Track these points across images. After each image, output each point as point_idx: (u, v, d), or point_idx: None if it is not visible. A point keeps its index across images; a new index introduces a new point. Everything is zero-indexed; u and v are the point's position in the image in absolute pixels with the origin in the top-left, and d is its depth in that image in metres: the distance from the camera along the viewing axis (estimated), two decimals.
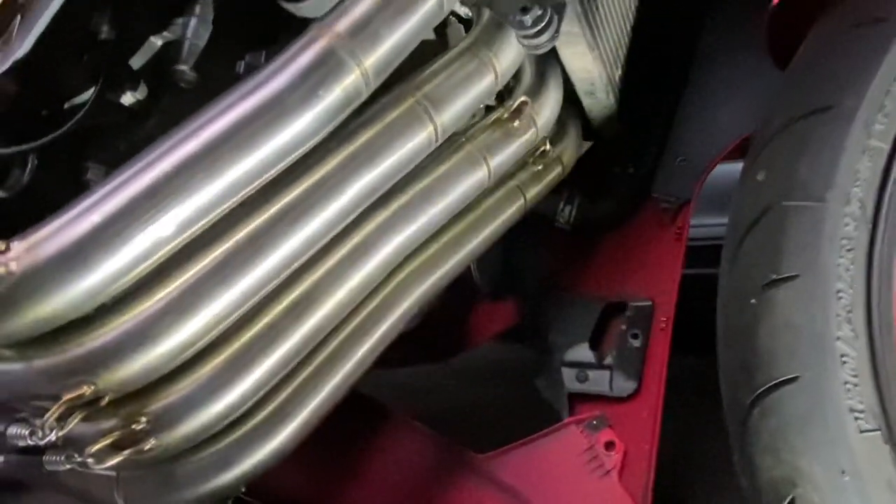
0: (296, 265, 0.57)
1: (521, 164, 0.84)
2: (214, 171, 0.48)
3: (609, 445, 0.83)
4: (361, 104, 0.58)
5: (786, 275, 0.56)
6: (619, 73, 0.86)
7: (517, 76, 0.79)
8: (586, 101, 0.88)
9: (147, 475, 0.61)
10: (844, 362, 0.52)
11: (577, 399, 0.91)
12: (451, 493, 0.89)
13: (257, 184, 0.51)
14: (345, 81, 0.51)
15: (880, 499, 0.49)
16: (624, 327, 0.92)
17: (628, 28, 0.86)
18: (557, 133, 0.91)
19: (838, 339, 0.53)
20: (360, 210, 0.60)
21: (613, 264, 1.01)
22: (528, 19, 0.63)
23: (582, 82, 0.83)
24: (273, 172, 0.52)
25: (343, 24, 0.51)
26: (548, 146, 0.86)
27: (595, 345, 0.93)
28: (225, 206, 0.50)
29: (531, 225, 0.99)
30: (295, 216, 0.55)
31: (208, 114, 0.49)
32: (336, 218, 0.57)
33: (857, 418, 0.51)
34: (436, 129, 0.62)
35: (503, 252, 1.07)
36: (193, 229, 0.49)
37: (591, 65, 0.78)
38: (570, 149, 0.93)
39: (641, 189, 1.02)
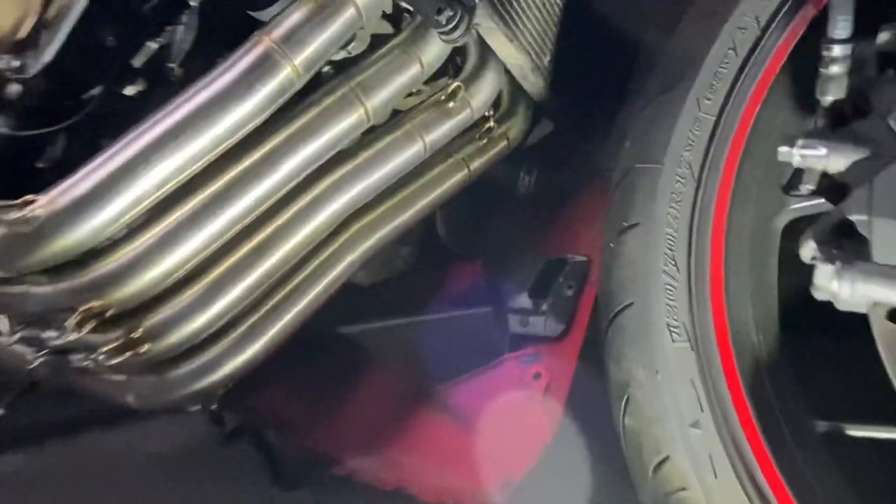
0: (254, 216, 0.74)
1: (468, 139, 0.99)
2: (184, 142, 0.66)
3: (537, 375, 0.98)
4: (305, 91, 0.75)
5: (632, 223, 0.70)
6: (547, 58, 0.99)
7: (462, 60, 0.94)
8: (524, 84, 1.01)
9: (149, 379, 0.80)
10: (667, 290, 0.66)
11: (518, 339, 1.07)
12: (413, 418, 1.06)
13: (218, 151, 0.68)
14: (279, 76, 0.67)
15: (683, 391, 0.64)
16: (561, 279, 1.08)
17: (553, 18, 0.98)
18: (507, 112, 1.05)
19: (664, 272, 0.67)
20: (305, 173, 0.77)
21: (561, 227, 1.15)
22: (442, 19, 0.78)
23: (513, 68, 0.96)
24: (229, 143, 0.69)
25: (278, 31, 0.68)
26: (492, 124, 1.01)
27: (537, 294, 1.08)
28: (194, 167, 0.68)
29: (496, 194, 1.15)
30: (251, 176, 0.72)
31: (177, 101, 0.66)
32: (284, 179, 0.74)
33: (672, 332, 0.65)
34: (367, 111, 0.78)
35: (471, 219, 1.23)
36: (170, 185, 0.67)
37: (515, 53, 0.92)
38: (518, 126, 1.06)
39: (591, 162, 1.16)
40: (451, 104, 0.90)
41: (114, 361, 0.71)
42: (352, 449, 0.99)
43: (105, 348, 0.71)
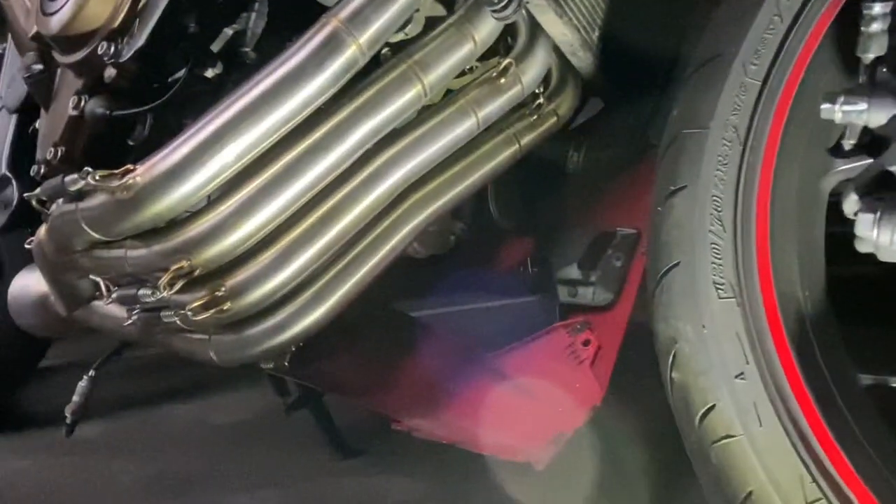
0: (323, 185, 0.81)
1: (518, 116, 1.03)
2: (258, 119, 0.73)
3: (586, 342, 1.02)
4: (368, 69, 0.80)
5: (679, 186, 0.73)
6: (596, 34, 1.02)
7: (512, 39, 0.98)
8: (573, 61, 1.05)
9: (229, 336, 0.88)
10: (713, 249, 0.69)
11: (567, 308, 1.11)
12: (466, 386, 1.11)
13: (290, 126, 0.75)
14: (346, 53, 0.73)
15: (729, 345, 0.67)
16: (610, 251, 1.11)
17: None
18: (556, 89, 1.09)
19: (710, 231, 0.70)
20: (368, 146, 0.83)
21: (611, 201, 1.18)
22: None
23: (563, 45, 0.99)
24: (300, 118, 0.75)
25: (344, 12, 0.74)
26: (542, 100, 1.04)
27: (586, 266, 1.12)
28: (268, 141, 0.75)
29: (546, 170, 1.19)
30: (318, 151, 0.78)
31: (254, 81, 0.73)
32: (348, 153, 0.80)
33: (718, 289, 0.68)
34: (424, 87, 0.83)
35: (523, 194, 1.27)
36: (249, 156, 0.74)
37: (564, 29, 0.95)
38: (567, 103, 1.09)
39: (641, 137, 1.18)
40: (502, 80, 0.93)
41: (199, 318, 0.79)
42: (411, 409, 1.05)
43: (192, 305, 0.78)
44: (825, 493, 0.60)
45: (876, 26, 0.59)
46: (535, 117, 1.04)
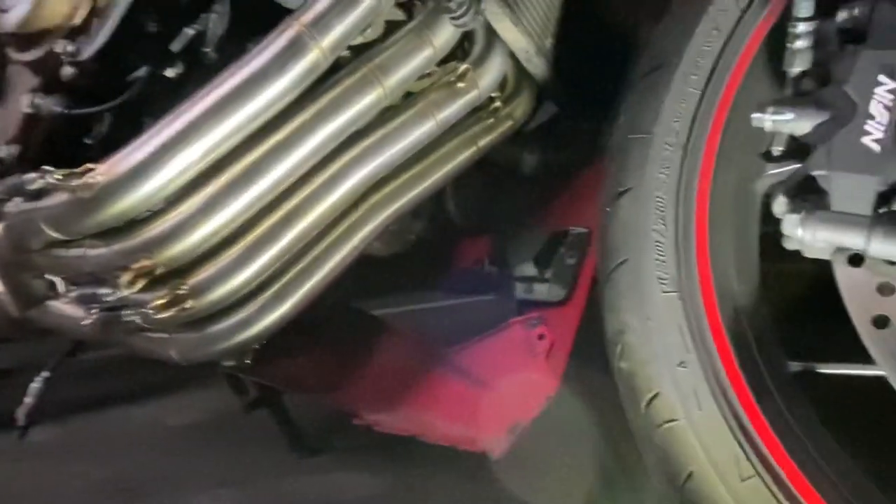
0: (286, 185, 0.82)
1: (476, 119, 1.07)
2: (222, 119, 0.74)
3: (541, 336, 1.07)
4: (329, 72, 0.83)
5: (626, 187, 0.78)
6: (549, 41, 1.06)
7: (469, 45, 1.01)
8: (528, 67, 1.09)
9: (190, 335, 0.89)
10: (657, 246, 0.74)
11: (523, 305, 1.15)
12: (426, 380, 1.14)
13: (252, 127, 0.77)
14: (308, 57, 0.75)
15: (672, 336, 0.72)
16: (563, 250, 1.16)
17: (556, 3, 1.06)
18: (512, 93, 1.13)
19: (654, 230, 0.75)
20: (330, 148, 0.85)
21: (564, 202, 1.23)
22: (453, 4, 0.86)
23: (518, 51, 1.03)
24: (263, 119, 0.77)
25: (307, 16, 0.76)
26: (498, 104, 1.08)
27: (541, 263, 1.17)
28: (232, 141, 0.76)
29: (502, 172, 1.23)
30: (281, 151, 0.80)
31: (217, 81, 0.74)
32: (310, 153, 0.82)
33: (661, 283, 0.73)
34: (384, 90, 0.85)
35: (480, 195, 1.31)
36: (210, 157, 0.75)
37: (520, 37, 0.99)
38: (522, 107, 1.13)
39: (592, 141, 1.23)
40: (460, 85, 0.97)
41: (161, 316, 0.79)
42: (372, 404, 1.08)
43: (154, 304, 0.79)
44: (758, 471, 0.65)
45: (801, 43, 0.65)
46: (491, 120, 1.07)
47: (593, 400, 0.96)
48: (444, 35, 0.90)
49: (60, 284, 0.85)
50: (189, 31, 0.87)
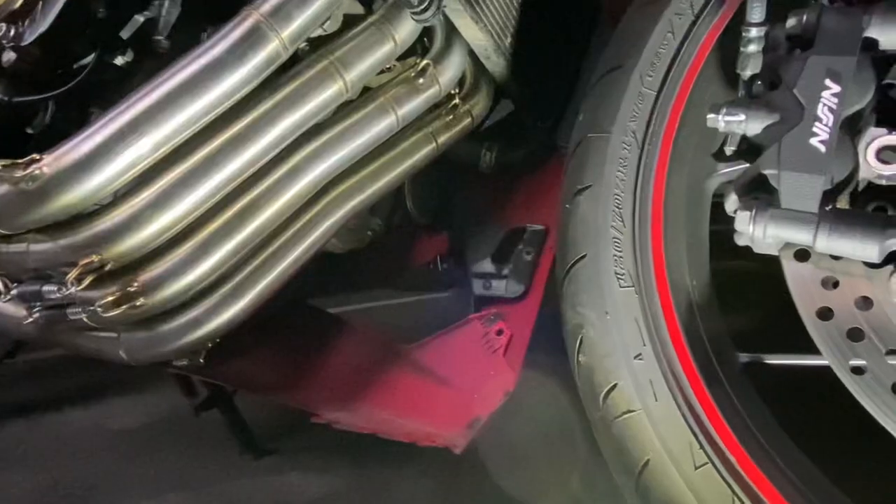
0: (240, 179, 0.80)
1: (435, 115, 1.07)
2: (176, 109, 0.72)
3: (499, 332, 1.08)
4: (289, 64, 0.81)
5: (585, 185, 0.80)
6: (508, 40, 1.07)
7: (429, 41, 1.01)
8: (487, 64, 1.09)
9: (140, 334, 0.85)
10: (615, 243, 0.76)
11: (481, 301, 1.16)
12: (385, 378, 1.14)
13: (208, 118, 0.74)
14: (267, 48, 0.73)
15: (629, 330, 0.74)
16: (521, 246, 1.17)
17: (516, 2, 1.07)
18: (471, 90, 1.13)
19: (612, 227, 0.76)
20: (288, 141, 0.83)
21: (521, 200, 1.25)
22: (415, 0, 0.86)
23: (477, 49, 1.04)
24: (219, 111, 0.74)
25: (266, 6, 0.74)
26: (457, 101, 1.08)
27: (498, 260, 1.18)
28: (186, 133, 0.73)
29: (459, 169, 1.23)
30: (238, 143, 0.78)
31: (172, 69, 0.72)
32: (268, 146, 0.80)
33: (619, 278, 0.75)
34: (345, 84, 0.84)
35: (438, 192, 1.31)
36: (164, 149, 0.73)
37: (479, 34, 0.99)
38: (481, 104, 1.14)
39: (548, 139, 1.25)
40: (420, 81, 0.97)
41: (110, 314, 0.76)
42: (331, 402, 1.06)
43: (102, 301, 0.76)
44: (711, 458, 0.68)
45: (752, 48, 0.67)
46: (451, 117, 1.08)
47: (550, 394, 0.97)
48: (406, 30, 0.90)
49: (1, 282, 0.81)
50: (139, 18, 0.83)
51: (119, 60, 0.82)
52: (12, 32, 0.75)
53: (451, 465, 1.02)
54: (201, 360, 0.91)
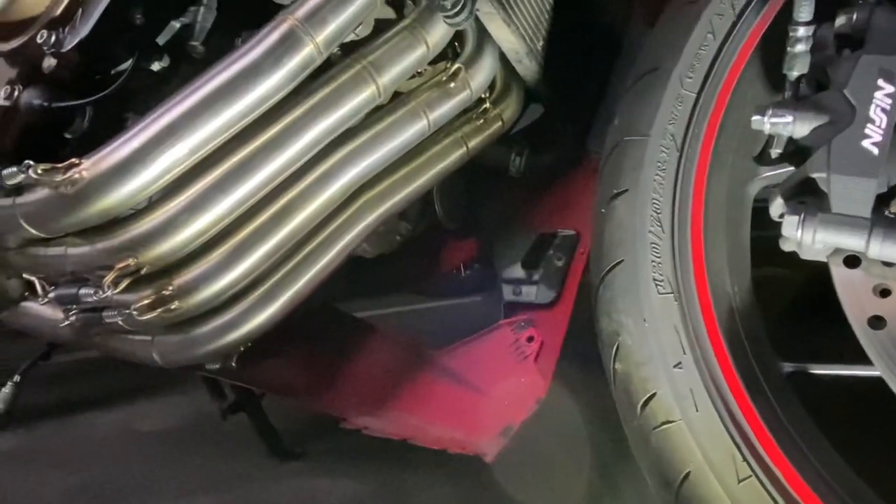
0: (276, 183, 0.80)
1: (466, 120, 1.06)
2: (212, 114, 0.72)
3: (530, 339, 1.06)
4: (323, 68, 0.81)
5: (622, 189, 0.78)
6: (540, 43, 1.06)
7: (460, 45, 1.01)
8: (518, 68, 1.09)
9: (174, 337, 0.86)
10: (653, 248, 0.74)
11: (511, 307, 1.15)
12: (414, 383, 1.13)
13: (243, 123, 0.75)
14: (302, 52, 0.74)
15: (668, 337, 0.72)
16: (551, 252, 1.16)
17: (547, 5, 1.06)
18: (501, 94, 1.12)
19: (650, 232, 0.75)
20: (322, 146, 0.83)
21: (551, 204, 1.23)
22: (448, 3, 0.85)
23: (509, 52, 1.03)
24: (254, 115, 0.75)
25: (301, 11, 0.74)
26: (488, 105, 1.08)
27: (529, 265, 1.16)
28: (222, 137, 0.74)
29: (489, 174, 1.22)
30: (272, 148, 0.78)
31: (209, 74, 0.72)
32: (302, 150, 0.80)
33: (657, 285, 0.73)
34: (378, 88, 0.84)
35: (467, 197, 1.30)
36: (200, 153, 0.73)
37: (511, 37, 0.99)
38: (511, 108, 1.13)
39: (579, 143, 1.24)
40: (452, 85, 0.96)
41: (145, 317, 0.77)
42: (361, 408, 1.06)
43: (138, 305, 0.76)
44: (755, 471, 0.65)
45: (800, 47, 0.65)
46: (481, 121, 1.07)
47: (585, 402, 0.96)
48: (438, 34, 0.89)
49: (38, 284, 0.82)
50: (175, 24, 0.84)
51: (156, 66, 0.83)
52: (53, 39, 0.77)
53: (481, 473, 1.00)
54: (233, 364, 0.92)
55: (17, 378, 1.13)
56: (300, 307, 0.89)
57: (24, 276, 0.86)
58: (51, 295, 0.80)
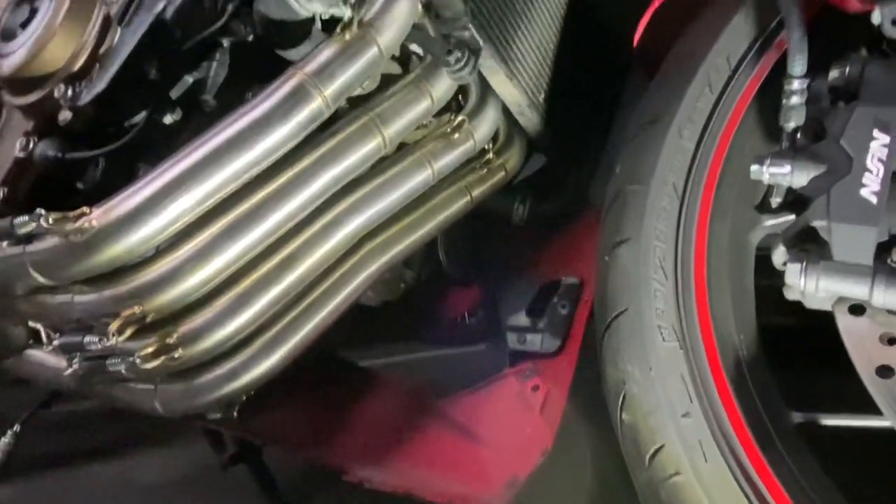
0: (282, 232, 0.81)
1: (469, 169, 1.08)
2: (222, 164, 0.73)
3: (535, 388, 1.05)
4: (330, 120, 0.83)
5: (624, 237, 0.79)
6: (542, 96, 1.09)
7: (464, 98, 1.03)
8: (520, 120, 1.11)
9: (176, 386, 0.85)
10: (656, 296, 0.74)
11: (516, 355, 1.14)
12: (418, 434, 1.11)
13: (252, 173, 0.76)
14: (311, 105, 0.76)
15: (675, 386, 0.71)
16: (556, 299, 1.15)
17: (548, 60, 1.09)
18: (504, 145, 1.14)
19: (654, 279, 0.75)
20: (328, 195, 0.84)
21: (555, 252, 1.24)
22: (452, 59, 0.88)
23: (511, 105, 1.06)
24: (263, 166, 0.76)
25: (311, 66, 0.76)
26: (491, 155, 1.10)
27: (533, 313, 1.16)
28: (230, 187, 0.75)
29: (492, 222, 1.24)
30: (279, 197, 0.79)
31: (220, 126, 0.74)
32: (309, 200, 0.82)
33: (662, 333, 0.73)
34: (384, 139, 0.86)
35: (471, 245, 1.31)
36: (209, 203, 0.74)
37: (513, 90, 1.02)
38: (514, 158, 1.15)
39: (581, 192, 1.25)
40: (456, 136, 0.98)
41: (148, 366, 0.76)
42: (363, 459, 1.04)
43: (141, 353, 0.76)
44: None
45: (796, 99, 0.67)
46: (485, 171, 1.09)
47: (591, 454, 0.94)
48: (443, 87, 0.92)
49: (43, 332, 0.82)
50: (189, 79, 0.87)
51: (168, 119, 0.85)
52: (70, 93, 0.79)
53: None
54: (235, 414, 0.91)
55: (16, 428, 1.12)
56: (303, 355, 0.89)
57: (30, 323, 0.86)
58: (55, 342, 0.80)
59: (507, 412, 1.04)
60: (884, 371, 0.62)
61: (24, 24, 0.85)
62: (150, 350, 0.77)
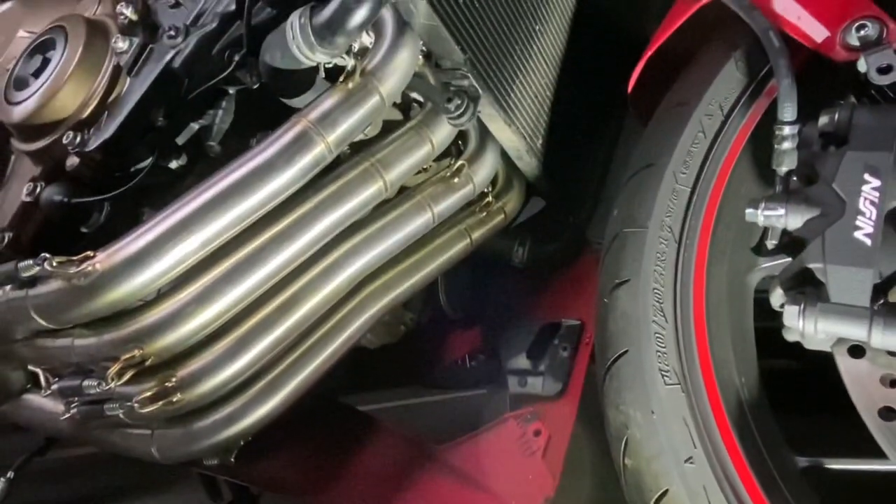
0: (283, 275, 0.82)
1: (469, 213, 1.10)
2: (226, 208, 0.75)
3: (537, 433, 1.04)
4: (332, 165, 0.85)
5: (623, 279, 0.79)
6: (540, 141, 1.12)
7: (463, 143, 1.05)
8: (519, 164, 1.13)
9: (174, 431, 0.84)
10: (657, 338, 0.74)
11: (517, 399, 1.13)
12: (415, 479, 1.09)
13: (254, 217, 0.77)
14: (313, 151, 0.77)
15: (678, 430, 0.70)
16: (556, 342, 1.15)
17: (546, 106, 1.12)
18: (503, 188, 1.16)
19: (654, 322, 0.75)
20: (329, 239, 0.85)
21: (554, 294, 1.24)
22: (451, 106, 0.90)
23: (510, 150, 1.08)
24: (265, 210, 0.78)
25: (314, 114, 0.78)
26: (491, 199, 1.11)
27: (534, 356, 1.15)
28: (233, 231, 0.76)
29: (492, 264, 1.24)
30: (281, 240, 0.80)
31: (225, 171, 0.76)
32: (310, 243, 0.83)
33: (663, 376, 0.73)
34: (385, 183, 0.87)
35: (471, 287, 1.31)
36: (211, 247, 0.75)
37: (512, 136, 1.04)
38: (513, 201, 1.17)
39: (580, 234, 1.26)
40: (456, 180, 1.00)
41: (147, 410, 0.76)
42: None
43: (140, 397, 0.76)
44: None
45: (787, 144, 0.69)
46: (484, 214, 1.10)
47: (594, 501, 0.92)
48: (443, 133, 0.94)
49: (42, 376, 0.82)
50: (195, 126, 0.89)
51: (173, 164, 0.87)
52: (78, 139, 0.81)
53: None
54: (232, 460, 0.89)
55: (10, 474, 1.10)
56: (302, 399, 0.88)
57: (29, 367, 0.86)
58: (54, 387, 0.79)
59: (509, 458, 1.03)
60: (887, 413, 0.62)
61: (37, 74, 0.88)
62: (148, 394, 0.76)
